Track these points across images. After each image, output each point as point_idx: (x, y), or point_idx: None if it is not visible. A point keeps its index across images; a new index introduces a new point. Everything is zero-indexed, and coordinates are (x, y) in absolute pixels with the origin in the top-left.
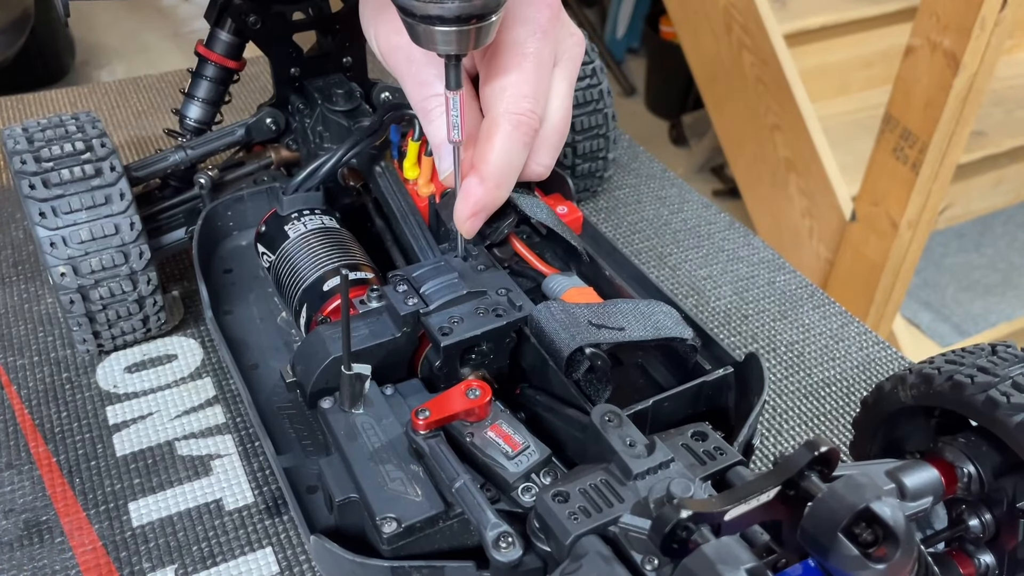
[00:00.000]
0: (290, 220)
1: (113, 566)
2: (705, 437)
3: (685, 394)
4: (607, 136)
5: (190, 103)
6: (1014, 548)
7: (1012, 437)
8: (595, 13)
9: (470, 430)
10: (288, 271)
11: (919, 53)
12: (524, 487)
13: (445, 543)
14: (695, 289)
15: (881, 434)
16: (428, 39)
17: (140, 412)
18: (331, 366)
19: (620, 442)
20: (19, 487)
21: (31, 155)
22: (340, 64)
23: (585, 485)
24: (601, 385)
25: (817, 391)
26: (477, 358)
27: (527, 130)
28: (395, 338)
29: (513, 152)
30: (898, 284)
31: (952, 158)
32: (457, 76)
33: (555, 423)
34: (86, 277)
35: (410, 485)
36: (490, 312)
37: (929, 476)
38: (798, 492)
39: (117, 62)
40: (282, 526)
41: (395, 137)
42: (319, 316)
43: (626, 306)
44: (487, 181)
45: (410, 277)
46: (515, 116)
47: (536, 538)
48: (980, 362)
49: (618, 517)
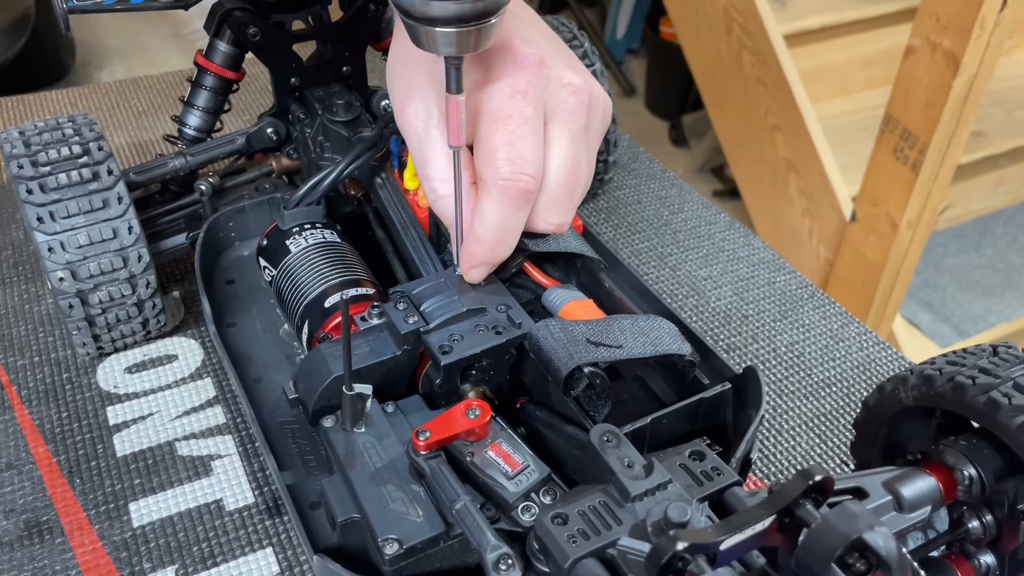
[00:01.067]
0: (291, 234)
1: (113, 566)
2: (703, 457)
3: (683, 411)
4: (607, 139)
5: (189, 112)
6: (1015, 550)
7: (1013, 439)
8: (595, 13)
9: (470, 449)
10: (290, 286)
11: (919, 53)
12: (524, 506)
13: (446, 563)
14: (695, 289)
15: (882, 435)
16: (429, 41)
17: (140, 412)
18: (333, 385)
19: (618, 463)
20: (19, 487)
21: (28, 159)
22: (340, 73)
23: (584, 507)
24: (600, 401)
25: (817, 391)
26: (477, 374)
27: (516, 193)
28: (396, 356)
29: (505, 216)
30: (898, 284)
31: (952, 158)
32: (458, 80)
33: (555, 440)
34: (85, 281)
35: (411, 506)
36: (490, 330)
37: (927, 485)
38: (793, 520)
39: (117, 63)
40: (282, 526)
41: (395, 148)
42: (321, 333)
43: (625, 322)
44: (482, 244)
45: (410, 295)
46: (502, 182)
47: (536, 559)
48: (981, 363)
49: (616, 540)
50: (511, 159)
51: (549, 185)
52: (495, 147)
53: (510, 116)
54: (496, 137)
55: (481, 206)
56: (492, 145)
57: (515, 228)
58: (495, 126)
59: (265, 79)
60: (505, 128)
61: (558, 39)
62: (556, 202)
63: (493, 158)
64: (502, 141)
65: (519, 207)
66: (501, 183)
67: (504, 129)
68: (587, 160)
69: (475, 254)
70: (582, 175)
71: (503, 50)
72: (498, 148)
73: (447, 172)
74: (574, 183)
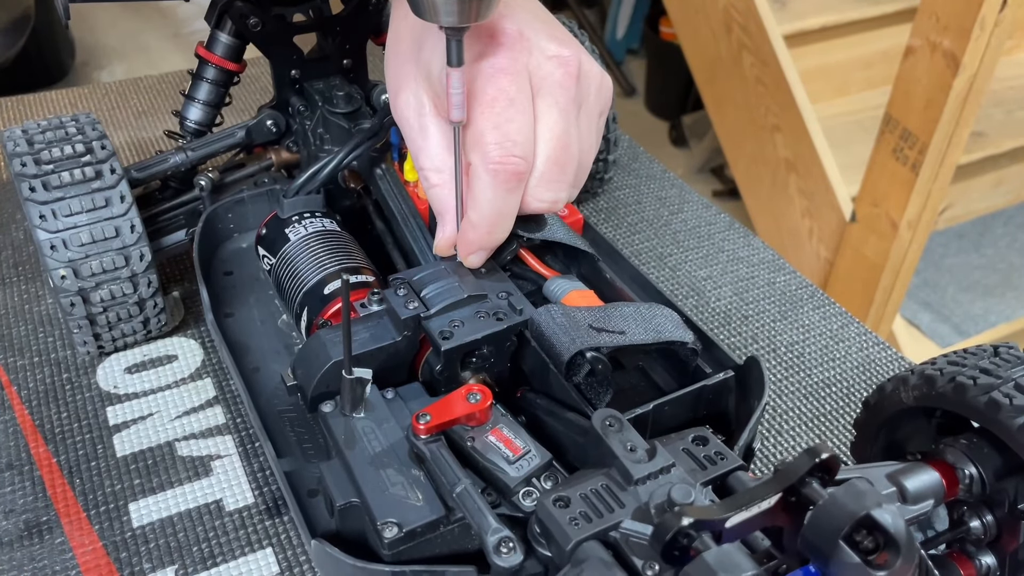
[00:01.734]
0: (291, 223)
1: (113, 567)
2: (706, 441)
3: (686, 398)
4: (607, 138)
5: (190, 105)
6: (1015, 550)
7: (1014, 439)
8: (595, 13)
9: (471, 434)
10: (289, 274)
11: (919, 54)
12: (525, 491)
13: (446, 548)
14: (695, 290)
15: (882, 435)
16: (431, 9)
17: (140, 413)
18: (332, 370)
19: (621, 447)
20: (19, 488)
21: (31, 157)
22: (341, 66)
23: (586, 490)
24: (602, 389)
25: (817, 391)
26: (478, 362)
27: (507, 176)
28: (396, 342)
29: (497, 199)
30: (898, 284)
31: (952, 159)
32: (459, 52)
33: (556, 427)
34: (86, 280)
35: (411, 490)
36: (491, 316)
37: (930, 479)
38: (799, 499)
39: (117, 63)
40: (282, 527)
41: (395, 139)
42: (320, 320)
43: (627, 309)
44: (478, 229)
45: (411, 281)
46: (492, 166)
47: (537, 543)
48: (982, 364)
49: (619, 522)
50: (499, 143)
51: (538, 162)
52: (482, 131)
53: (495, 98)
54: (482, 121)
55: (473, 192)
56: (479, 129)
57: (510, 211)
58: (479, 110)
59: (265, 78)
60: (491, 111)
61: (544, 11)
62: (547, 179)
63: (481, 143)
64: (488, 125)
65: (511, 189)
66: (492, 167)
67: (489, 112)
68: (581, 135)
69: (472, 240)
70: (573, 149)
71: (480, 28)
72: (485, 132)
73: (441, 161)
74: (565, 158)
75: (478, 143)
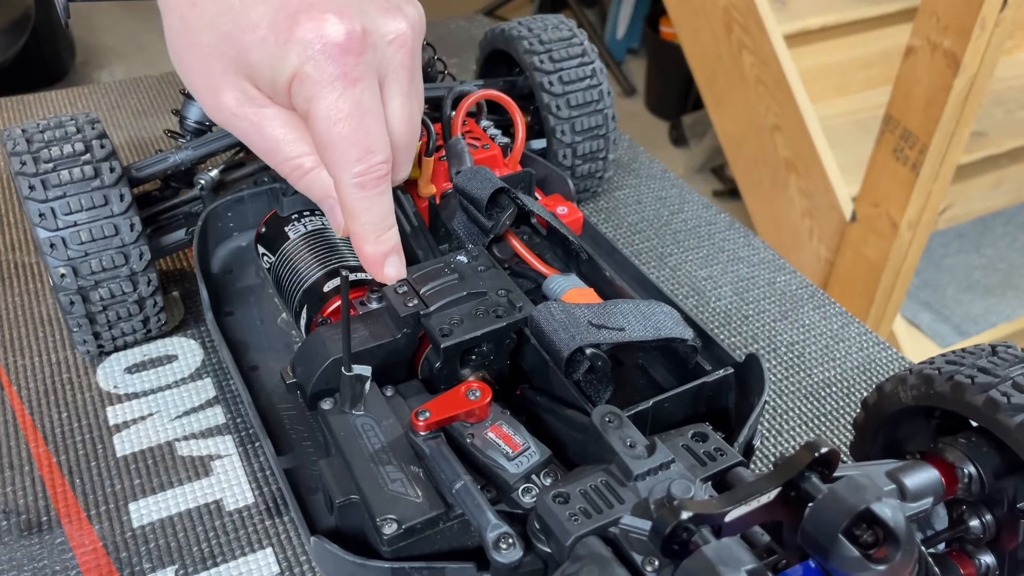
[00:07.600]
0: (290, 221)
1: (113, 567)
2: (705, 438)
3: (685, 395)
4: (607, 137)
5: (190, 104)
6: (1014, 549)
7: (1013, 438)
8: (595, 13)
9: (470, 431)
10: (288, 272)
11: (919, 53)
12: (524, 488)
13: (445, 544)
14: (695, 290)
15: (882, 435)
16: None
17: (140, 413)
18: (331, 367)
19: (620, 443)
20: (19, 487)
21: (30, 156)
22: None
23: (585, 486)
24: (601, 386)
25: (817, 391)
26: (477, 359)
27: (375, 182)
28: (395, 339)
29: (373, 205)
30: (898, 284)
31: (952, 159)
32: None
33: (555, 424)
34: (86, 278)
35: (410, 486)
36: (490, 313)
37: (929, 477)
38: (799, 493)
39: (117, 62)
40: (282, 527)
41: None
42: (319, 317)
43: (626, 306)
44: (368, 238)
45: (410, 278)
46: (356, 180)
47: (536, 539)
48: (980, 363)
49: (619, 518)
50: (361, 157)
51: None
52: (342, 151)
53: (351, 114)
54: (340, 141)
55: (348, 207)
56: (339, 150)
57: (388, 208)
58: (336, 129)
59: None
60: (348, 127)
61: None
62: (402, 162)
63: (344, 160)
64: (348, 144)
65: (382, 192)
66: (359, 181)
67: (346, 128)
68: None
69: (372, 253)
70: (417, 124)
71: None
72: (345, 151)
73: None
74: (412, 136)
75: (340, 162)
